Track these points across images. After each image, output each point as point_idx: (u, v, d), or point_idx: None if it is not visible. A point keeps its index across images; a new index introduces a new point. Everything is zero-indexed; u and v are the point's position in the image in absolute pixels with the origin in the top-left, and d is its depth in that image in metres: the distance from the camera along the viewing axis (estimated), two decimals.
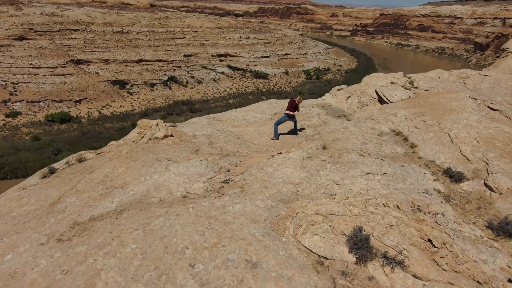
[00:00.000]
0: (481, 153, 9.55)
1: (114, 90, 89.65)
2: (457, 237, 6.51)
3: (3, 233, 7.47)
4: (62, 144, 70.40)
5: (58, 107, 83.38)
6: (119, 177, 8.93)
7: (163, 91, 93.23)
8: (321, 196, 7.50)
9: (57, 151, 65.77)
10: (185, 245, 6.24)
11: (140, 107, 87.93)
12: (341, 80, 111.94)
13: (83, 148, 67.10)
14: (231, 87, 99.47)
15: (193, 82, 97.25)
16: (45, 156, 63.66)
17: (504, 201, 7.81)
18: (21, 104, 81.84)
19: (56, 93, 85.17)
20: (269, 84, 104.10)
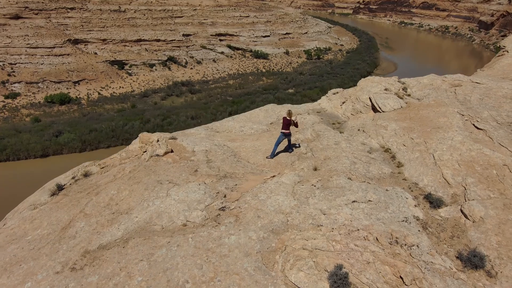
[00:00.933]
0: (461, 177, 10.24)
1: (113, 71, 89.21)
2: (427, 270, 7.32)
3: (21, 259, 8.29)
4: (62, 125, 71.00)
5: (57, 88, 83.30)
6: (123, 201, 9.67)
7: (162, 71, 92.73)
8: (308, 227, 8.26)
9: (58, 132, 66.49)
10: (185, 279, 7.06)
11: (139, 88, 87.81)
12: (342, 60, 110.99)
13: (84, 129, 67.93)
14: (231, 67, 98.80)
15: (192, 63, 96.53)
16: (46, 138, 64.51)
17: (476, 230, 8.57)
18: (20, 85, 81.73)
19: (54, 74, 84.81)
20: (269, 65, 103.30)
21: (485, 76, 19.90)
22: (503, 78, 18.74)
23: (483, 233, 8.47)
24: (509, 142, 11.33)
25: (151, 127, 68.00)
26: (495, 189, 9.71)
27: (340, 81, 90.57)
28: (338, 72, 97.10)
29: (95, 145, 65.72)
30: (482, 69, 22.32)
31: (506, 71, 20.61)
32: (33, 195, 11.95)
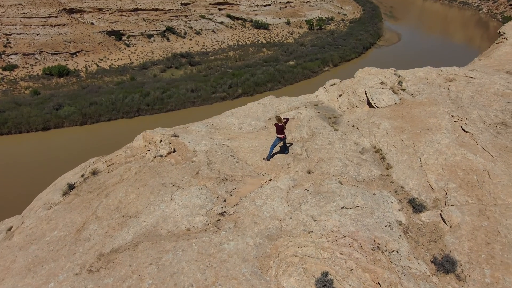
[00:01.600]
0: (444, 182, 11.07)
1: (110, 42, 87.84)
2: (404, 275, 8.32)
3: (42, 259, 9.31)
4: (62, 98, 71.19)
5: (54, 60, 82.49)
6: (131, 204, 10.57)
7: (161, 42, 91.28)
8: (300, 233, 9.20)
9: (58, 106, 66.90)
10: (190, 283, 8.07)
11: (138, 60, 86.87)
12: (345, 31, 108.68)
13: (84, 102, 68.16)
14: (231, 38, 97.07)
15: (191, 33, 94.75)
16: (46, 111, 65.00)
17: (452, 235, 9.52)
18: (17, 57, 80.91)
19: (51, 45, 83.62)
20: (270, 35, 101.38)
21: (482, 66, 20.22)
22: (498, 70, 19.09)
23: (458, 239, 9.42)
24: (492, 147, 12.05)
25: (151, 100, 68.23)
26: (474, 194, 10.57)
27: (342, 53, 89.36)
28: (340, 43, 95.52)
29: (95, 119, 66.29)
30: (479, 58, 22.50)
31: (502, 61, 20.87)
32: (46, 192, 12.85)
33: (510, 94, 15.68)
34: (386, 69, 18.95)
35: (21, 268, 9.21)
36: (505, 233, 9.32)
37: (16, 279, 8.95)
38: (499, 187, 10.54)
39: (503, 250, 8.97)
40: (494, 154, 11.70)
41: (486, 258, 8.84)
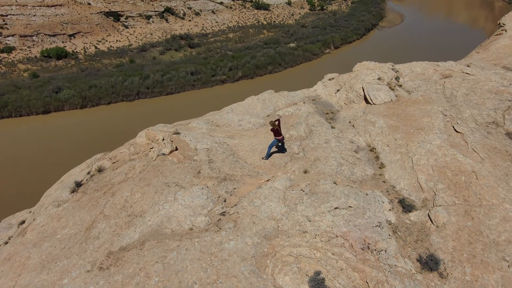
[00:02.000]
0: (433, 182, 11.69)
1: (108, 23, 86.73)
2: (390, 273, 9.06)
3: (56, 257, 10.04)
4: (61, 81, 71.18)
5: (52, 42, 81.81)
6: (137, 203, 11.23)
7: (160, 24, 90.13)
8: (295, 233, 9.89)
9: (58, 89, 67.07)
10: (193, 281, 8.81)
11: (137, 42, 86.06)
12: (347, 11, 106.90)
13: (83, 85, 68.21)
14: (231, 19, 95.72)
15: (190, 14, 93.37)
16: (46, 94, 65.20)
17: (437, 235, 10.22)
18: (14, 39, 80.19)
19: (48, 26, 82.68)
20: (270, 16, 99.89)
21: (479, 60, 20.47)
22: (495, 65, 19.37)
23: (443, 238, 10.12)
24: (481, 148, 12.60)
25: (150, 83, 68.24)
26: (461, 195, 11.20)
27: (344, 35, 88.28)
28: (342, 24, 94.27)
29: (95, 102, 66.47)
30: (477, 51, 22.65)
31: (500, 55, 21.08)
32: (54, 189, 13.50)
33: (504, 91, 16.07)
34: (384, 64, 19.23)
35: (36, 265, 9.95)
36: (487, 233, 10.01)
37: (32, 275, 9.71)
38: (485, 188, 11.15)
39: (484, 249, 9.67)
40: (483, 155, 12.25)
41: (468, 257, 9.56)
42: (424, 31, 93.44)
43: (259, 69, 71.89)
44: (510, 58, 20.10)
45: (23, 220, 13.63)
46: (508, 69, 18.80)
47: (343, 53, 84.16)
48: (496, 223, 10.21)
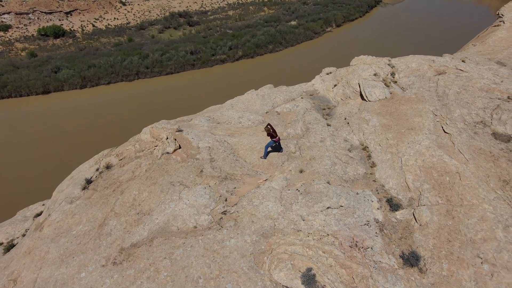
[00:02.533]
0: (420, 183, 12.63)
1: (105, 0, 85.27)
2: (375, 269, 10.15)
3: (72, 252, 11.14)
4: (60, 61, 71.20)
5: (48, 20, 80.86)
6: (144, 202, 12.23)
7: (158, 1, 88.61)
8: (290, 232, 10.94)
9: (57, 68, 67.34)
10: (198, 275, 9.92)
11: (135, 20, 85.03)
12: None
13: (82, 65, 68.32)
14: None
15: None
16: (45, 74, 65.52)
17: (420, 233, 11.26)
18: (10, 16, 79.23)
19: (44, 3, 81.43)
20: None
21: (474, 54, 20.95)
22: (490, 60, 19.89)
23: (425, 236, 11.17)
24: (467, 149, 13.46)
25: (150, 62, 68.34)
26: (444, 195, 12.17)
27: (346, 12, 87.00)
28: (344, 1, 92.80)
29: (95, 82, 66.83)
30: (474, 44, 22.99)
31: (495, 49, 21.51)
32: (65, 185, 14.47)
33: (495, 89, 16.75)
34: (381, 59, 19.74)
35: (55, 259, 11.06)
36: (465, 232, 11.05)
37: (52, 268, 10.83)
38: (467, 189, 12.11)
39: (461, 247, 10.74)
40: (468, 156, 13.14)
41: (446, 254, 10.64)
42: (428, 7, 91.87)
43: (259, 48, 71.57)
44: (505, 52, 20.56)
45: (37, 213, 14.70)
46: (502, 64, 19.34)
47: (345, 31, 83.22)
48: (474, 223, 11.24)
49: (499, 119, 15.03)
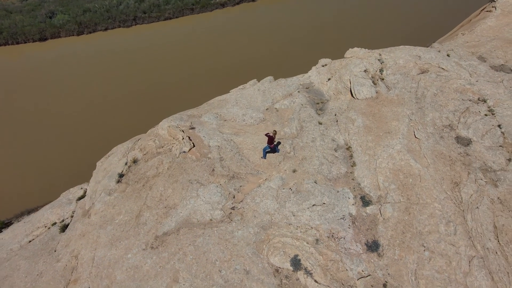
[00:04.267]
0: (388, 183, 16.25)
1: None
2: (345, 254, 14.22)
3: (119, 237, 15.13)
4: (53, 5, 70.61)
5: None
6: (170, 197, 15.94)
7: None
8: (283, 225, 14.83)
9: (51, 13, 67.42)
10: (215, 259, 13.99)
11: None
12: None
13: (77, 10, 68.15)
14: None
15: None
16: (40, 19, 65.80)
17: (382, 226, 15.17)
18: None
19: None
20: None
21: (460, 46, 23.18)
22: (473, 54, 22.25)
23: (385, 228, 15.08)
24: (430, 153, 16.84)
25: (147, 6, 68.02)
26: (406, 195, 15.86)
27: None
28: None
29: (92, 28, 67.24)
30: (463, 33, 24.79)
31: (482, 40, 23.60)
32: (101, 176, 18.03)
33: (469, 90, 19.59)
34: (372, 53, 22.06)
35: (106, 242, 15.09)
36: (416, 226, 14.94)
37: (105, 249, 14.89)
38: (424, 190, 15.77)
39: (411, 238, 14.70)
40: (430, 161, 16.58)
41: (399, 243, 14.63)
42: None
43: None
44: (488, 45, 22.77)
45: (79, 196, 18.50)
46: (482, 59, 21.79)
47: None
48: (424, 218, 15.08)
49: (464, 123, 18.17)
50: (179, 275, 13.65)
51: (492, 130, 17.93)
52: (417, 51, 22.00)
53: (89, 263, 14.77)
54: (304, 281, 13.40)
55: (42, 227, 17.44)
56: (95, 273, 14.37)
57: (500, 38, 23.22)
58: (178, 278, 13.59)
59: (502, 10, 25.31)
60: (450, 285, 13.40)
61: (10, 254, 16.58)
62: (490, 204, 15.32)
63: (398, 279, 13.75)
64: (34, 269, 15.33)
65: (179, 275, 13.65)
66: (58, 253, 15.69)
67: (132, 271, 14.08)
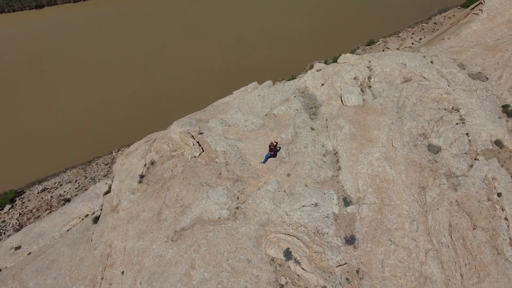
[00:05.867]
0: (366, 186, 19.93)
1: None
2: (327, 247, 18.23)
3: (144, 231, 19.08)
4: None
5: None
6: (185, 198, 19.67)
7: None
8: (278, 222, 18.70)
9: None
10: (224, 250, 18.00)
11: None
12: None
13: None
14: None
15: None
16: None
17: (359, 223, 19.05)
18: None
19: None
20: None
21: (443, 52, 25.84)
22: (454, 60, 25.02)
23: (361, 225, 18.97)
24: (404, 161, 20.36)
25: None
26: (380, 197, 19.60)
27: None
28: None
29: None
30: (449, 37, 27.11)
31: (465, 45, 26.14)
32: (124, 176, 21.63)
33: (445, 99, 22.71)
34: (362, 60, 24.79)
35: (134, 235, 19.03)
36: (386, 224, 18.83)
37: (134, 241, 18.87)
38: (396, 193, 19.49)
39: (381, 233, 18.63)
40: (403, 167, 20.14)
41: (371, 238, 18.58)
42: None
43: None
44: (470, 52, 25.43)
45: (105, 191, 22.25)
46: (462, 67, 24.63)
47: None
48: (393, 217, 18.94)
49: (437, 132, 21.52)
50: (195, 263, 17.72)
51: (460, 138, 21.33)
52: (403, 58, 24.73)
53: (121, 252, 18.81)
54: (294, 268, 17.50)
55: (77, 218, 21.35)
56: (127, 260, 18.45)
57: (481, 44, 25.81)
58: (194, 265, 17.67)
59: (487, 14, 27.48)
60: (409, 272, 17.51)
61: (53, 241, 20.62)
62: (449, 206, 19.13)
63: (369, 267, 17.84)
64: (76, 255, 19.42)
65: (195, 263, 17.72)
66: (94, 242, 19.70)
67: (157, 259, 18.14)
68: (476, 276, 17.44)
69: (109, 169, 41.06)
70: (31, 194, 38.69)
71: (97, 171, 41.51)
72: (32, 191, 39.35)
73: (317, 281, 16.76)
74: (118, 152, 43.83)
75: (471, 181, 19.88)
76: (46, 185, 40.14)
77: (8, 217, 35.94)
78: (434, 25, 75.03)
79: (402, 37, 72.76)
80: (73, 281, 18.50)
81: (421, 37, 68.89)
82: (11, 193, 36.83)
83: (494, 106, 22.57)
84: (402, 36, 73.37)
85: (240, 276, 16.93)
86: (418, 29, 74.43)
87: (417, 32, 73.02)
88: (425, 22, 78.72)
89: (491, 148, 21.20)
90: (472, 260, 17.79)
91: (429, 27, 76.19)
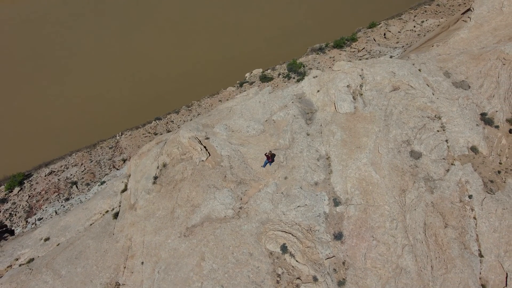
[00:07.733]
0: (354, 189, 23.21)
1: None
2: (318, 242, 21.73)
3: (160, 227, 22.52)
4: None
5: None
6: (194, 199, 22.97)
7: None
8: (276, 221, 22.11)
9: None
10: (229, 245, 21.49)
11: None
12: None
13: None
14: None
15: None
16: None
17: (346, 221, 22.46)
18: None
19: None
20: None
21: (432, 59, 28.45)
22: (441, 68, 27.70)
23: (348, 223, 22.39)
24: (388, 166, 23.54)
25: None
26: (366, 198, 22.91)
27: None
28: None
29: None
30: (438, 44, 29.43)
31: (452, 53, 28.67)
32: (140, 176, 24.84)
33: (429, 108, 25.62)
34: (355, 67, 27.44)
35: (151, 231, 22.46)
36: (369, 222, 22.25)
37: (151, 236, 22.32)
38: (379, 195, 22.79)
39: (365, 231, 22.08)
40: (387, 172, 23.34)
41: (356, 234, 22.04)
42: None
43: None
44: (455, 60, 28.03)
45: (122, 189, 25.52)
46: (447, 75, 27.35)
47: None
48: (376, 217, 22.34)
49: (419, 139, 24.58)
50: (205, 255, 21.24)
51: (440, 144, 24.42)
52: (393, 67, 27.38)
53: (140, 245, 22.31)
54: (289, 261, 21.05)
55: (98, 214, 24.75)
56: (146, 252, 21.97)
57: (467, 53, 28.36)
58: (204, 257, 21.20)
59: (475, 22, 29.71)
60: (387, 264, 21.08)
61: (78, 234, 24.10)
62: (425, 207, 22.49)
63: (353, 259, 21.40)
64: (100, 247, 22.93)
65: (205, 255, 21.24)
66: (116, 236, 23.17)
67: (172, 251, 21.65)
68: (444, 268, 21.03)
69: (114, 153, 44.20)
70: (38, 177, 41.93)
71: (101, 155, 44.69)
72: (40, 174, 42.56)
73: (309, 272, 20.32)
74: (122, 135, 46.85)
75: (446, 184, 23.14)
76: (52, 168, 43.32)
77: (18, 199, 39.34)
78: (437, 7, 76.23)
79: (404, 20, 74.33)
80: (99, 269, 22.09)
81: (423, 20, 70.46)
82: (19, 176, 39.85)
83: (473, 114, 25.50)
84: (404, 18, 74.88)
85: (244, 267, 20.47)
86: (420, 11, 75.75)
87: (419, 14, 74.44)
88: (428, 3, 79.86)
89: (467, 153, 24.33)
90: (441, 254, 21.34)
91: (432, 9, 77.50)
